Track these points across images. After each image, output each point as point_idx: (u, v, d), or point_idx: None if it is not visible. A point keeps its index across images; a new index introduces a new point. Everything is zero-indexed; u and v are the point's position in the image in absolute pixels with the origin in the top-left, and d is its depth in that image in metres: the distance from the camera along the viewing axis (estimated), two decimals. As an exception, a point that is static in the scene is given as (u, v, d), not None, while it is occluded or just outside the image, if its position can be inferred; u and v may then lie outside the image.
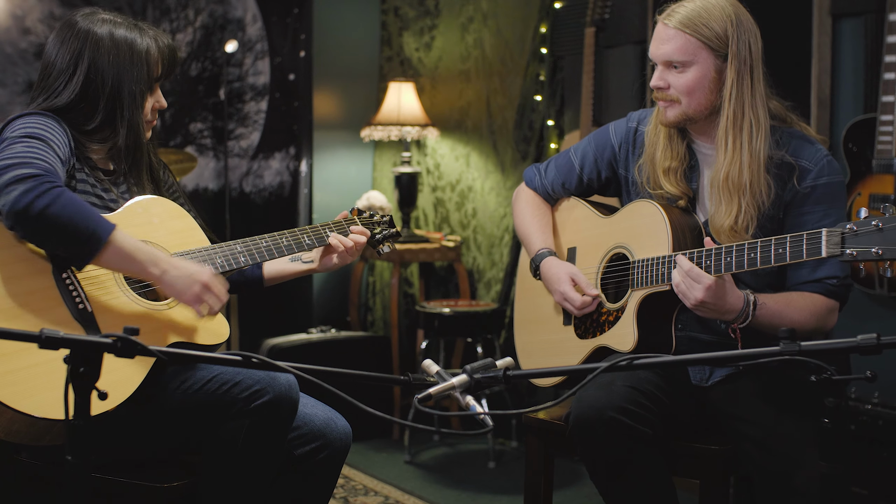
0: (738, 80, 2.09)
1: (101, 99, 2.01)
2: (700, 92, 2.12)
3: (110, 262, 1.85)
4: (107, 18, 2.05)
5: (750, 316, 2.04)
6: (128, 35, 2.04)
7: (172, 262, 1.90)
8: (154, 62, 2.06)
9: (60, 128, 1.95)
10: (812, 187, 2.11)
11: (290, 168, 4.77)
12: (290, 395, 1.93)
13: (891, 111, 2.76)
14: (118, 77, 2.01)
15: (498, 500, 3.46)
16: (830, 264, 2.09)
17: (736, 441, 2.12)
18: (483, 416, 1.39)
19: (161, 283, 1.89)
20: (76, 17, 2.05)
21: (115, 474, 1.93)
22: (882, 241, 1.75)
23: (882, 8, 2.82)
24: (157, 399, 1.93)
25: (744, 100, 2.10)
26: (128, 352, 1.30)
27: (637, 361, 1.41)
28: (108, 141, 2.05)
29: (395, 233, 2.39)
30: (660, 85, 2.14)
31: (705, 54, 2.10)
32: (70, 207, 1.77)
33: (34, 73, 3.97)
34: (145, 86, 2.05)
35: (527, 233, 2.47)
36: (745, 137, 2.09)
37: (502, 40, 4.36)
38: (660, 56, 2.13)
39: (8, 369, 1.73)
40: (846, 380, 1.39)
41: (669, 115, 2.16)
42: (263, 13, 4.60)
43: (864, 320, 2.95)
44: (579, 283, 2.30)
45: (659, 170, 2.21)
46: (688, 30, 2.09)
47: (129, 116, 2.03)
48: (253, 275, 2.28)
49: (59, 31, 2.05)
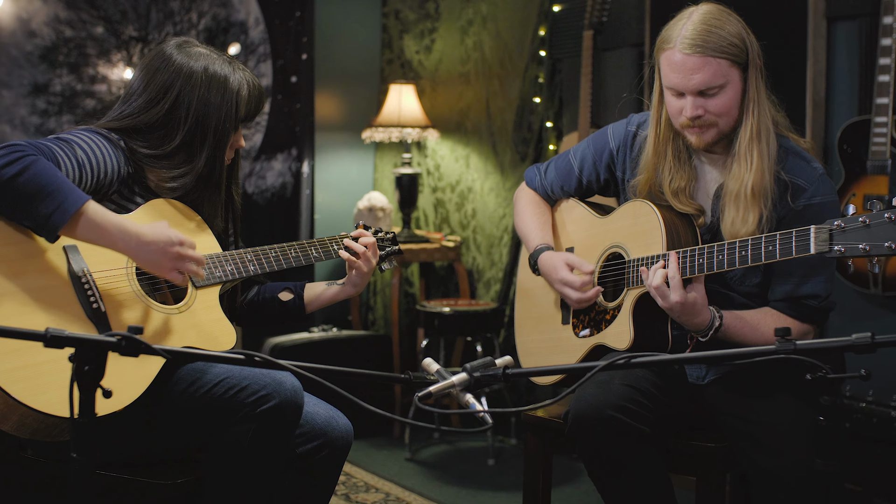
0: (756, 88, 2.08)
1: (181, 126, 2.00)
2: (734, 108, 2.09)
3: (80, 233, 1.80)
4: (203, 52, 2.05)
5: (707, 336, 2.09)
6: (222, 71, 2.04)
7: (144, 235, 1.85)
8: (243, 101, 2.06)
9: (109, 144, 1.94)
10: (806, 206, 2.10)
11: (292, 169, 4.77)
12: (295, 399, 1.93)
13: (885, 113, 2.77)
14: (206, 110, 2.01)
15: (497, 496, 3.47)
16: (816, 281, 2.10)
17: (732, 438, 2.14)
18: (483, 414, 1.40)
19: (134, 256, 1.86)
20: (168, 47, 2.04)
21: (119, 471, 1.93)
22: (869, 238, 1.75)
23: (876, 11, 2.84)
24: (164, 401, 1.93)
25: (761, 108, 2.09)
26: (132, 351, 1.30)
27: (634, 360, 1.43)
28: (176, 168, 2.03)
29: (398, 250, 2.42)
30: (699, 114, 2.08)
31: (734, 71, 2.07)
32: (42, 176, 1.74)
33: (39, 76, 3.99)
34: (232, 124, 2.05)
35: (526, 231, 2.49)
36: (765, 146, 2.08)
37: (501, 43, 4.38)
38: (692, 87, 2.06)
39: (21, 365, 1.73)
40: (841, 378, 1.39)
41: (707, 138, 2.12)
42: (266, 16, 4.59)
43: (858, 319, 2.97)
44: (575, 265, 2.30)
45: (668, 192, 2.19)
46: (714, 52, 2.03)
47: (209, 151, 2.03)
48: (295, 305, 2.28)
49: (151, 61, 2.04)
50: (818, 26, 3.06)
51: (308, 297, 2.29)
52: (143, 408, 1.87)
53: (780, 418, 2.07)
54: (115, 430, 1.83)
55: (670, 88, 2.11)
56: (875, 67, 2.80)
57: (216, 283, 2.06)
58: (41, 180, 1.74)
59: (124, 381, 1.81)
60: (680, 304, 2.03)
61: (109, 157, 1.93)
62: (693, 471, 2.18)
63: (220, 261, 2.08)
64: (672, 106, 2.13)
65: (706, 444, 2.16)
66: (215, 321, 2.04)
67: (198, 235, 2.09)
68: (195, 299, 2.02)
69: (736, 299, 2.20)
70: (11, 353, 1.72)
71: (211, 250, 2.10)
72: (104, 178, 1.93)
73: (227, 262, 2.08)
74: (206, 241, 2.10)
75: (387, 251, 2.40)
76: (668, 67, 2.09)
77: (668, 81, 2.10)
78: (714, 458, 2.15)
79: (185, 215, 2.09)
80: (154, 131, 2.02)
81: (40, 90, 4.01)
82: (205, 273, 2.01)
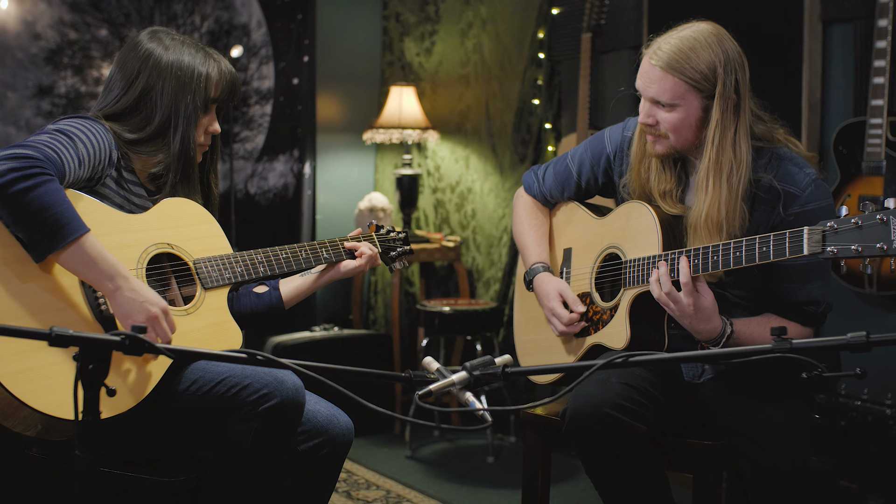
0: (721, 120, 2.07)
1: (156, 111, 2.03)
2: (687, 129, 2.11)
3: (68, 263, 1.79)
4: (175, 39, 2.09)
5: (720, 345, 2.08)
6: (190, 56, 2.07)
7: (132, 284, 1.83)
8: (213, 84, 2.09)
9: (103, 129, 1.97)
10: (799, 214, 2.09)
11: (293, 170, 4.77)
12: (296, 398, 1.94)
13: (880, 115, 2.79)
14: (175, 93, 2.04)
15: (496, 493, 3.48)
16: (812, 287, 2.11)
17: (728, 436, 2.14)
18: (482, 412, 1.41)
19: (112, 300, 1.83)
20: (141, 36, 2.08)
21: (122, 469, 1.93)
22: (861, 239, 1.76)
23: (871, 14, 2.85)
24: (167, 400, 1.93)
25: (725, 141, 2.08)
26: (135, 349, 1.30)
27: (632, 359, 1.43)
28: (156, 153, 2.06)
29: (410, 250, 2.44)
30: (648, 122, 2.13)
31: (692, 96, 2.07)
32: (47, 197, 1.74)
33: (44, 78, 4.00)
34: (201, 104, 2.07)
35: (524, 243, 2.51)
36: (724, 177, 2.07)
37: (501, 45, 4.39)
38: (647, 95, 2.12)
39: (26, 367, 1.73)
40: (836, 377, 1.39)
41: (658, 149, 2.17)
42: (268, 19, 4.60)
43: (853, 318, 2.97)
44: (567, 300, 2.33)
45: (655, 193, 2.21)
46: (675, 72, 2.06)
47: (182, 130, 2.05)
48: (274, 302, 2.27)
49: (124, 50, 2.08)
50: (814, 29, 3.07)
51: (286, 290, 2.28)
52: (147, 406, 1.88)
53: (776, 416, 2.08)
54: (118, 429, 1.83)
55: (637, 89, 2.17)
56: (870, 70, 2.82)
57: (225, 285, 2.07)
58: (47, 201, 1.74)
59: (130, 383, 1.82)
60: (693, 307, 2.03)
61: (102, 141, 1.95)
62: (690, 468, 2.18)
63: (230, 262, 2.09)
64: (640, 107, 2.18)
65: (703, 441, 2.16)
66: (223, 323, 2.04)
67: (209, 237, 2.10)
68: (203, 301, 2.03)
69: (731, 299, 2.21)
70: (17, 355, 1.72)
71: (222, 251, 2.11)
72: (98, 164, 1.94)
73: (237, 264, 2.09)
74: (218, 242, 2.11)
75: (398, 251, 2.42)
76: (639, 70, 2.16)
77: (636, 82, 2.16)
78: (711, 456, 2.15)
79: (198, 216, 2.10)
80: (132, 115, 2.04)
81: (45, 92, 4.03)
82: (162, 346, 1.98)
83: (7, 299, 1.76)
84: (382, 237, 2.41)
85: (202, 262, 2.04)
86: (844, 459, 2.93)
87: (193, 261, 2.04)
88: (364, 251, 2.29)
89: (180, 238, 2.02)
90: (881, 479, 2.88)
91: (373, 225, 2.40)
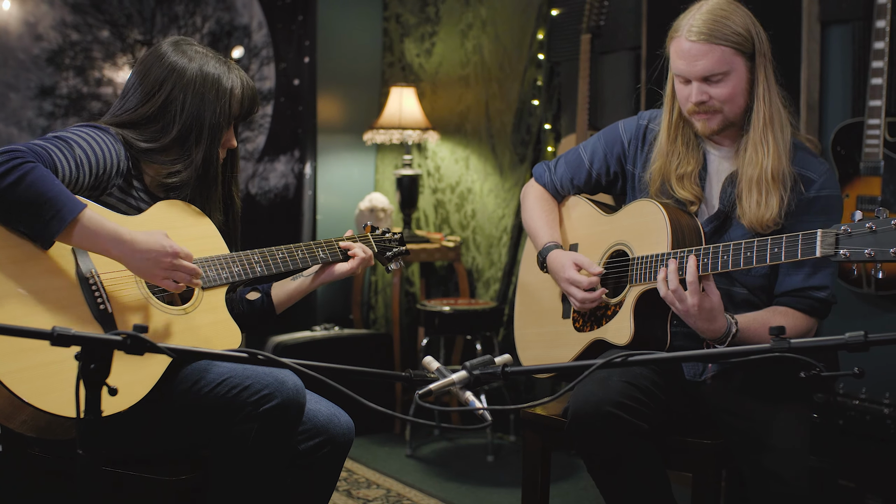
0: (765, 78, 2.12)
1: (176, 121, 2.03)
2: (740, 96, 2.13)
3: (74, 241, 1.81)
4: (198, 51, 2.08)
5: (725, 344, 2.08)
6: (216, 69, 2.07)
7: (137, 245, 1.85)
8: (237, 101, 2.09)
9: (111, 138, 1.96)
10: (815, 198, 2.13)
11: (294, 170, 4.78)
12: (297, 399, 1.94)
13: (878, 115, 2.79)
14: (200, 106, 2.03)
15: (496, 492, 3.49)
16: (824, 274, 2.12)
17: (728, 435, 2.15)
18: (482, 412, 1.40)
19: (127, 266, 1.87)
20: (164, 45, 2.07)
21: (124, 468, 1.93)
22: (875, 244, 1.77)
23: (869, 15, 2.86)
24: (168, 400, 1.94)
25: (772, 95, 2.13)
26: (137, 349, 1.30)
27: (633, 358, 1.43)
28: (173, 163, 2.05)
29: (405, 251, 2.44)
30: (703, 99, 2.13)
31: (739, 60, 2.10)
32: (38, 185, 1.74)
33: (46, 79, 4.01)
34: (225, 120, 2.07)
35: (535, 227, 2.50)
36: (779, 132, 2.12)
37: (501, 46, 4.40)
38: (696, 73, 2.11)
39: (27, 365, 1.73)
40: (834, 376, 1.39)
41: (713, 124, 2.16)
42: (269, 20, 4.60)
43: (852, 318, 2.98)
44: (583, 265, 2.30)
45: (673, 177, 2.22)
46: (719, 41, 2.08)
47: (205, 147, 2.05)
48: (264, 306, 2.28)
49: (146, 59, 2.07)
50: (812, 30, 3.08)
51: (276, 294, 2.28)
52: (148, 406, 1.88)
53: (776, 416, 2.09)
54: (120, 428, 1.84)
55: (678, 75, 2.16)
56: (868, 70, 2.83)
57: (223, 285, 2.08)
58: (38, 188, 1.74)
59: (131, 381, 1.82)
60: (697, 307, 2.03)
61: (109, 151, 1.95)
62: (689, 467, 2.19)
63: (227, 262, 2.09)
64: (680, 93, 2.18)
65: (702, 441, 2.16)
66: (221, 322, 2.05)
67: (205, 237, 2.10)
68: (202, 300, 2.04)
69: (737, 297, 2.21)
70: (18, 353, 1.73)
71: (219, 251, 2.11)
72: (103, 173, 1.94)
73: (234, 264, 2.09)
74: (215, 243, 2.12)
75: (394, 251, 2.42)
76: (676, 55, 2.15)
77: (676, 68, 2.16)
78: (710, 455, 2.15)
79: (193, 217, 2.10)
80: (150, 125, 2.03)
81: (47, 93, 4.04)
82: (201, 282, 2.01)
83: (7, 299, 1.77)
84: (378, 238, 2.41)
85: (199, 262, 2.05)
86: (843, 458, 2.93)
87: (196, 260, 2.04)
88: (357, 252, 2.29)
89: (177, 239, 2.01)
90: (879, 477, 2.88)
91: (368, 226, 2.41)
